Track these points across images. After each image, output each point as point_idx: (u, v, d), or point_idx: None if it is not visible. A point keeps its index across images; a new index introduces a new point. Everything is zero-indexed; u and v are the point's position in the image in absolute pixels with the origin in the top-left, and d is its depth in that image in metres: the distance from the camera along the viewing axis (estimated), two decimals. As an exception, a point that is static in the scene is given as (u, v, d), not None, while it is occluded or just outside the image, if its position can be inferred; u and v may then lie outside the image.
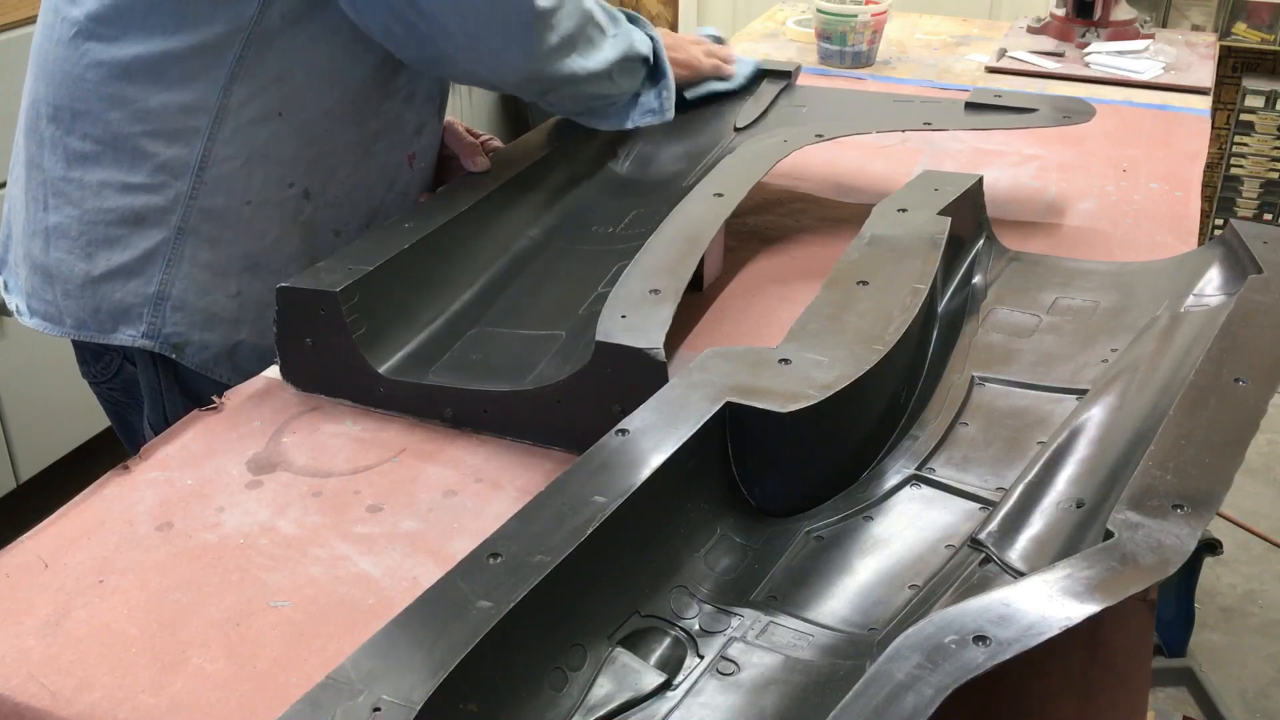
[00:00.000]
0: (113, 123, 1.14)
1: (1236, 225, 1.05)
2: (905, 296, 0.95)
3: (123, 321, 1.19)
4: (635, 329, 0.89)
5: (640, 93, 1.30)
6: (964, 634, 0.57)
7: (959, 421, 0.93)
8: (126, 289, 1.18)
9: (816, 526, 0.82)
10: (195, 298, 1.18)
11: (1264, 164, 3.09)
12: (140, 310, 1.18)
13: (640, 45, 1.28)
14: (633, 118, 1.29)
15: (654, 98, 1.30)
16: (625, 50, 1.24)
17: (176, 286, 1.17)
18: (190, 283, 1.17)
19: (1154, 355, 0.92)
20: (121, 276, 1.18)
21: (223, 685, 0.71)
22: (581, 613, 0.68)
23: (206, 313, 1.18)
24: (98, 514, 0.86)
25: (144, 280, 1.17)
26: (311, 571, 0.80)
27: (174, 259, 1.17)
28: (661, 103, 1.30)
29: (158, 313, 1.18)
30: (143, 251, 1.16)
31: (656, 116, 1.30)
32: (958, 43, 2.12)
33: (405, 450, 0.94)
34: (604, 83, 1.23)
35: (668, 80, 1.31)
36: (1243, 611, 2.34)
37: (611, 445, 0.76)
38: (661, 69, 1.30)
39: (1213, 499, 0.68)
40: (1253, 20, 3.01)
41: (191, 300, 1.18)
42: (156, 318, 1.18)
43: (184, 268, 1.17)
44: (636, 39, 1.28)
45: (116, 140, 1.14)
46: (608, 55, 1.22)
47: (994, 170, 1.48)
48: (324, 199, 1.19)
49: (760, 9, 2.55)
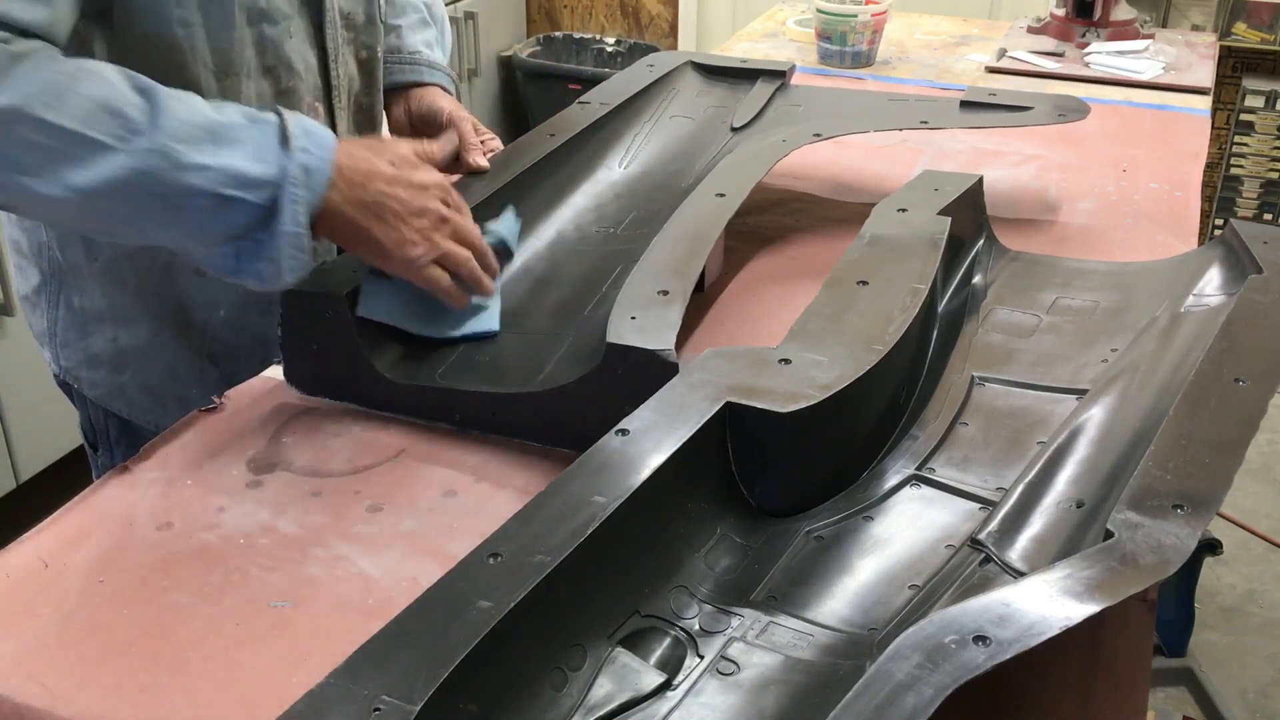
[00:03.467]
0: None
1: (1236, 225, 1.05)
2: (905, 296, 0.95)
3: (42, 343, 1.20)
4: (645, 330, 0.89)
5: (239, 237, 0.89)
6: (964, 634, 0.57)
7: (959, 421, 0.93)
8: (34, 316, 1.19)
9: (816, 526, 0.82)
10: (76, 339, 1.16)
11: (1264, 164, 3.08)
12: (45, 338, 1.18)
13: (237, 167, 0.86)
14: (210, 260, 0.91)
15: (234, 256, 0.89)
16: (137, 169, 0.83)
17: (60, 325, 1.16)
18: (70, 324, 1.15)
19: (1154, 355, 0.92)
20: (29, 304, 1.19)
21: (223, 685, 0.71)
22: (581, 613, 0.68)
23: (88, 353, 1.16)
24: (98, 514, 0.86)
25: (40, 313, 1.17)
26: (311, 571, 0.80)
27: (52, 301, 1.15)
28: (254, 267, 0.89)
29: (53, 345, 1.18)
30: (34, 285, 1.16)
31: (252, 279, 0.90)
32: (957, 43, 2.12)
33: (405, 450, 0.94)
34: (86, 211, 0.85)
35: (277, 235, 0.88)
36: (1243, 611, 2.34)
37: (611, 445, 0.76)
38: (277, 221, 0.88)
39: (1213, 499, 0.68)
40: (1253, 20, 3.01)
41: (74, 340, 1.16)
42: (53, 349, 1.18)
43: (62, 309, 1.15)
44: (219, 159, 0.85)
45: None
46: (84, 177, 0.82)
47: (994, 170, 1.48)
48: None
49: (760, 9, 2.55)
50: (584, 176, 1.30)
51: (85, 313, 1.14)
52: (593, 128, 1.31)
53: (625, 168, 1.33)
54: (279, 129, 0.89)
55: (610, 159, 1.34)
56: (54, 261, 1.13)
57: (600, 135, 1.33)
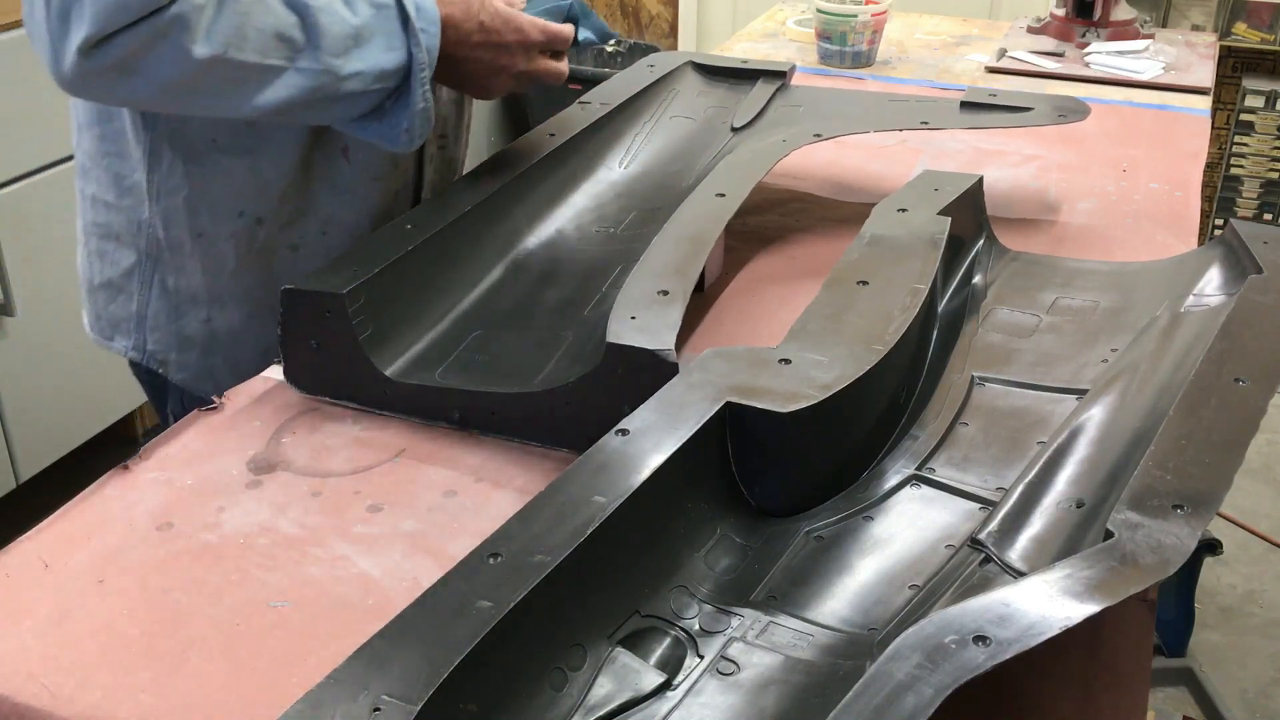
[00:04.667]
0: (94, 139, 1.16)
1: (1236, 225, 1.05)
2: (905, 296, 0.95)
3: (117, 332, 1.22)
4: (646, 330, 0.89)
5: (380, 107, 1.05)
6: (964, 634, 0.57)
7: (959, 421, 0.93)
8: (116, 303, 1.21)
9: (816, 526, 0.82)
10: (168, 321, 1.19)
11: (1264, 164, 3.09)
12: (128, 325, 1.20)
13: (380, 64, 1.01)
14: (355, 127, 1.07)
15: (379, 122, 1.06)
16: (309, 86, 0.99)
17: (152, 308, 1.19)
18: (163, 305, 1.19)
19: (1154, 355, 0.92)
20: (111, 290, 1.20)
21: (223, 685, 0.71)
22: (581, 613, 0.68)
23: (180, 335, 1.19)
24: (98, 514, 0.86)
25: (127, 298, 1.19)
26: (311, 571, 0.80)
27: (145, 281, 1.18)
28: (391, 131, 1.06)
29: (140, 330, 1.20)
30: (124, 269, 1.19)
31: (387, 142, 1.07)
32: (958, 43, 2.12)
33: (405, 450, 0.94)
34: (269, 120, 1.02)
35: (408, 111, 1.04)
36: (1243, 611, 2.34)
37: (611, 445, 0.76)
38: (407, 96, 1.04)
39: (1213, 499, 0.68)
40: (1253, 20, 3.01)
41: (165, 323, 1.19)
42: (139, 335, 1.20)
43: (156, 290, 1.18)
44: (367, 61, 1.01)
45: (95, 157, 1.16)
46: (267, 98, 0.98)
47: (994, 170, 1.48)
48: (276, 221, 1.16)
49: (760, 9, 2.55)
50: (584, 176, 1.30)
51: (180, 293, 1.18)
52: (593, 128, 1.31)
53: (625, 168, 1.33)
54: (399, 11, 1.03)
55: (610, 159, 1.34)
56: (153, 241, 1.16)
57: (600, 135, 1.33)
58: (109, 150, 1.15)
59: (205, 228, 1.15)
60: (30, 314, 2.28)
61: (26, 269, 2.26)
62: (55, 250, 2.31)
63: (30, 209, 2.24)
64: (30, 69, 2.16)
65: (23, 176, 2.23)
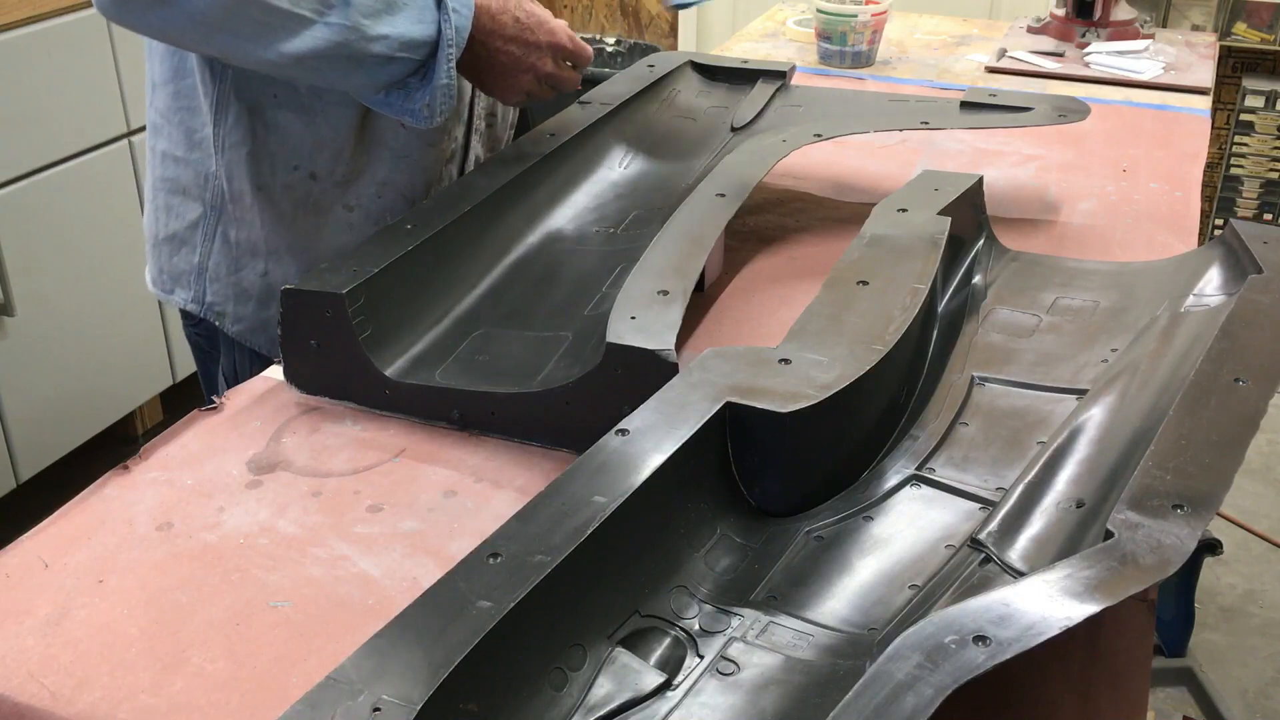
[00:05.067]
0: (168, 96, 1.21)
1: (1236, 225, 1.05)
2: (905, 296, 0.95)
3: (178, 285, 1.27)
4: (645, 330, 0.89)
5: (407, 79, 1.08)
6: (964, 634, 0.57)
7: (959, 421, 0.93)
8: (180, 256, 1.26)
9: (816, 526, 0.82)
10: (228, 273, 1.25)
11: (1264, 164, 3.08)
12: (189, 277, 1.26)
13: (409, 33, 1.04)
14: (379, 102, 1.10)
15: (403, 97, 1.08)
16: (335, 41, 1.02)
17: (213, 260, 1.24)
18: (224, 258, 1.24)
19: (1154, 355, 0.92)
20: (175, 243, 1.26)
21: (223, 685, 0.71)
22: (581, 613, 0.68)
23: (238, 288, 1.25)
24: (98, 514, 0.86)
25: (190, 250, 1.25)
26: (311, 571, 0.80)
27: (209, 234, 1.24)
28: (412, 106, 1.08)
29: (200, 282, 1.26)
30: (189, 222, 1.24)
31: (409, 117, 1.10)
32: (957, 43, 2.12)
33: (405, 450, 0.94)
34: (291, 70, 1.05)
35: (431, 86, 1.07)
36: (1243, 611, 2.34)
37: (611, 445, 0.76)
38: (432, 71, 1.07)
39: (1213, 499, 0.68)
40: (1253, 20, 3.01)
41: (225, 275, 1.25)
42: (199, 287, 1.26)
43: (218, 243, 1.24)
44: (395, 27, 1.03)
45: (168, 113, 1.22)
46: (292, 46, 1.01)
47: (994, 170, 1.48)
48: (331, 179, 1.21)
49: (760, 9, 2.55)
50: (584, 176, 1.30)
51: (240, 245, 1.23)
52: (593, 128, 1.31)
53: (625, 168, 1.33)
54: (438, 25, 1.06)
55: (610, 159, 1.34)
56: (218, 192, 1.22)
57: (600, 135, 1.33)
58: (182, 106, 1.21)
59: (265, 180, 1.20)
60: (30, 314, 2.28)
61: (26, 269, 2.26)
62: (55, 250, 2.31)
63: (30, 209, 2.24)
64: (30, 69, 2.16)
65: (23, 176, 2.23)
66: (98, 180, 2.36)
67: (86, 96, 2.31)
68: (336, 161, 1.21)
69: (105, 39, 2.31)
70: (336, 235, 1.23)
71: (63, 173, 2.29)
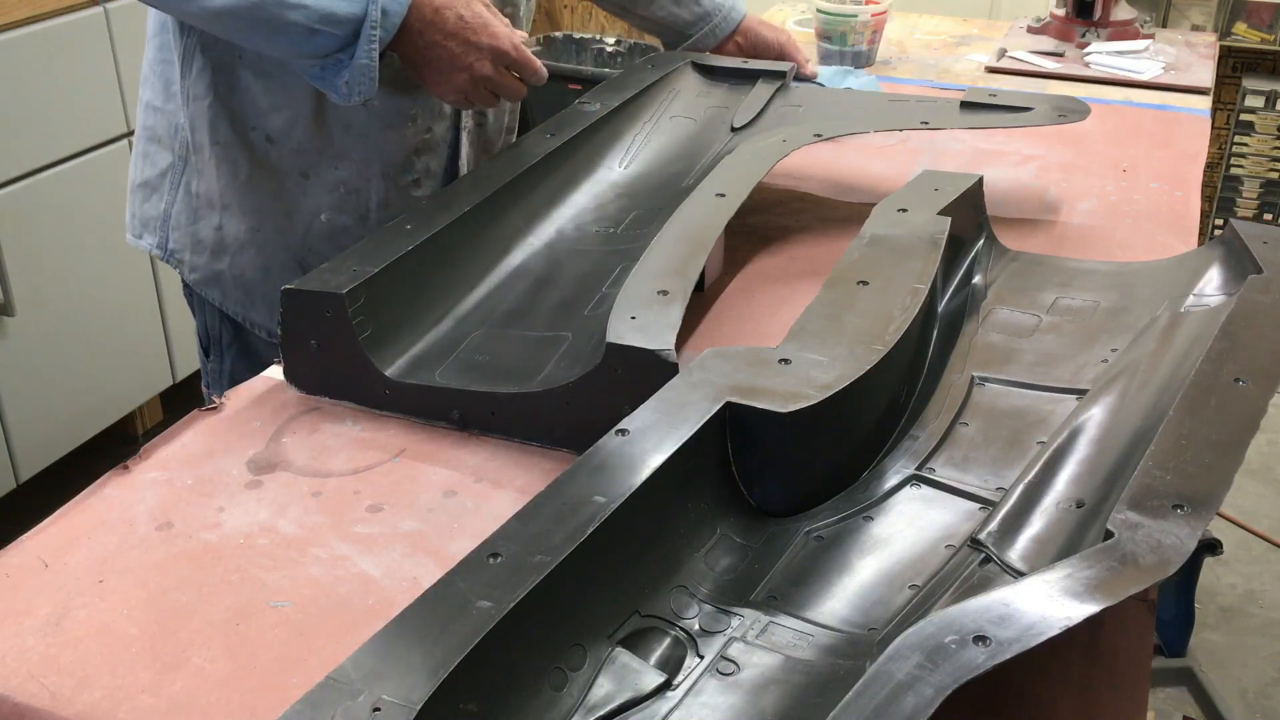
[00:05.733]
0: (155, 48, 1.26)
1: (1236, 225, 1.05)
2: (905, 296, 0.95)
3: (147, 230, 1.32)
4: (645, 330, 0.89)
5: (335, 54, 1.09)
6: (964, 634, 0.57)
7: (959, 421, 0.93)
8: (150, 202, 1.31)
9: (816, 526, 0.82)
10: (187, 222, 1.29)
11: (1264, 164, 3.08)
12: (156, 224, 1.30)
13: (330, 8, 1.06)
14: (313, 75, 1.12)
15: (333, 72, 1.10)
16: (253, 2, 1.04)
17: (176, 208, 1.29)
18: (185, 207, 1.28)
19: (1154, 355, 0.92)
20: (147, 189, 1.31)
21: (223, 685, 0.71)
22: (581, 613, 0.68)
23: (195, 238, 1.29)
24: (98, 514, 0.86)
25: (159, 197, 1.29)
26: (311, 571, 0.80)
27: (175, 183, 1.28)
28: (336, 81, 1.10)
29: (164, 229, 1.30)
30: (159, 170, 1.29)
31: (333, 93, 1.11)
32: (958, 43, 2.12)
33: (405, 450, 0.94)
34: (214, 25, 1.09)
35: (350, 65, 1.09)
36: (1243, 611, 2.34)
37: (611, 445, 0.76)
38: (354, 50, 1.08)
39: (1213, 499, 0.68)
40: (1253, 20, 3.01)
41: (185, 224, 1.29)
42: (164, 233, 1.30)
43: (181, 192, 1.28)
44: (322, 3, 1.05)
45: (154, 64, 1.27)
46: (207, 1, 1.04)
47: (994, 170, 1.48)
48: (288, 144, 1.24)
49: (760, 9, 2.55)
50: (584, 176, 1.30)
51: (199, 197, 1.27)
52: (593, 128, 1.31)
53: (625, 168, 1.33)
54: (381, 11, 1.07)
55: (610, 159, 1.34)
56: (184, 144, 1.26)
57: (600, 135, 1.33)
58: (164, 59, 1.25)
59: (223, 137, 1.23)
60: (30, 314, 2.28)
61: (26, 269, 2.26)
62: (55, 250, 2.31)
63: (30, 209, 2.24)
64: (30, 69, 2.16)
65: (23, 176, 2.23)
66: (98, 180, 2.36)
67: (86, 96, 2.31)
68: (293, 127, 1.23)
69: (105, 39, 2.31)
70: (290, 200, 1.26)
71: (63, 173, 2.29)
